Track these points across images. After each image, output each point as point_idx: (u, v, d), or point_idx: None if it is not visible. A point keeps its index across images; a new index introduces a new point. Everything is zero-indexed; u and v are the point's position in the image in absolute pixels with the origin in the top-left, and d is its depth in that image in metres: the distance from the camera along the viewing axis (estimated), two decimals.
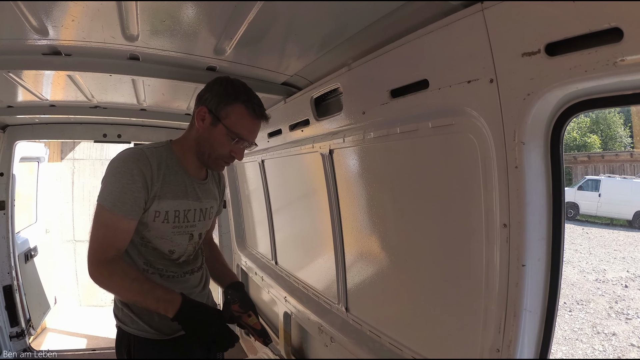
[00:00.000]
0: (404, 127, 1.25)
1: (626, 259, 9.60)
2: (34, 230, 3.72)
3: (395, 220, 1.43)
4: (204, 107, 1.27)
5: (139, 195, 1.19)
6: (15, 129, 2.84)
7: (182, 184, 1.31)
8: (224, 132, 1.26)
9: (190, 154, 1.33)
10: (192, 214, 1.34)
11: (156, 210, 1.24)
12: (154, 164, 1.23)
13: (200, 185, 1.38)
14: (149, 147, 1.29)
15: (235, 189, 3.37)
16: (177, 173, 1.30)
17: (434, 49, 1.05)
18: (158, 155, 1.27)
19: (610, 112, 23.52)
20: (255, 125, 1.32)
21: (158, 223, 1.26)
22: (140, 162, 1.21)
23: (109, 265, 1.17)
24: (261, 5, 1.07)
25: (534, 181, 0.89)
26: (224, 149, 1.29)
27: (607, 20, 0.67)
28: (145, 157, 1.23)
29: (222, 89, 1.27)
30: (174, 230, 1.29)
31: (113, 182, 1.19)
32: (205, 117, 1.27)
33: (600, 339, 5.71)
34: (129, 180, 1.18)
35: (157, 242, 1.28)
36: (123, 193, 1.18)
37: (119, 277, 1.17)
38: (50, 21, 1.19)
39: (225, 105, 1.25)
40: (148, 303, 1.17)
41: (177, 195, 1.29)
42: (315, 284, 2.10)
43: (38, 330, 3.60)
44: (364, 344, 1.57)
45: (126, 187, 1.18)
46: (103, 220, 1.19)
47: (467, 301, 1.10)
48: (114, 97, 2.21)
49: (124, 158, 1.22)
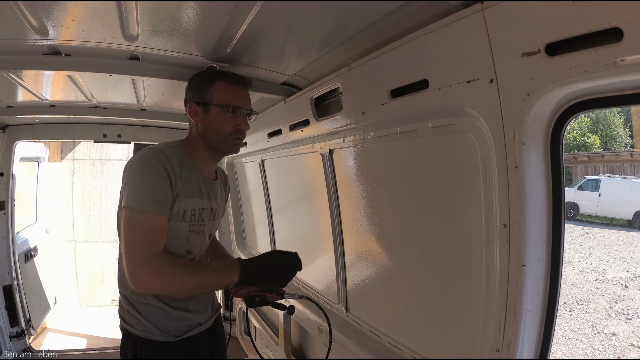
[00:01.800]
0: (404, 127, 1.25)
1: (626, 259, 9.60)
2: (34, 230, 3.72)
3: (395, 221, 1.43)
4: (192, 103, 1.31)
5: (168, 192, 1.18)
6: (15, 129, 2.84)
7: (196, 183, 1.31)
8: (219, 111, 1.29)
9: (200, 151, 1.34)
10: (205, 213, 1.34)
11: (177, 210, 1.23)
12: (175, 162, 1.23)
13: (212, 185, 1.39)
14: (166, 146, 1.28)
15: (235, 189, 3.37)
16: (191, 172, 1.30)
17: (434, 49, 1.05)
18: (175, 153, 1.26)
19: (611, 112, 23.51)
20: (240, 91, 1.33)
21: (177, 222, 1.24)
22: (164, 161, 1.20)
23: (155, 261, 1.12)
24: (261, 5, 1.07)
25: (534, 181, 0.89)
26: (227, 126, 1.30)
27: (607, 20, 0.67)
28: (166, 155, 1.22)
29: (198, 80, 1.33)
30: (190, 229, 1.29)
31: (141, 181, 1.16)
32: (197, 110, 1.31)
33: (600, 339, 5.71)
34: (157, 177, 1.16)
35: (173, 242, 1.25)
36: (153, 191, 1.15)
37: (170, 268, 1.13)
38: (50, 21, 1.19)
39: (206, 90, 1.29)
40: (211, 280, 1.17)
41: (193, 194, 1.29)
42: (315, 284, 2.10)
43: (38, 330, 3.60)
44: (364, 344, 1.57)
45: (155, 184, 1.16)
46: (138, 222, 1.14)
47: (467, 301, 1.10)
48: (114, 97, 2.21)
49: (146, 157, 1.20)
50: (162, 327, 1.27)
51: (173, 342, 1.29)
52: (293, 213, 2.44)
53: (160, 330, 1.27)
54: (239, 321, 3.37)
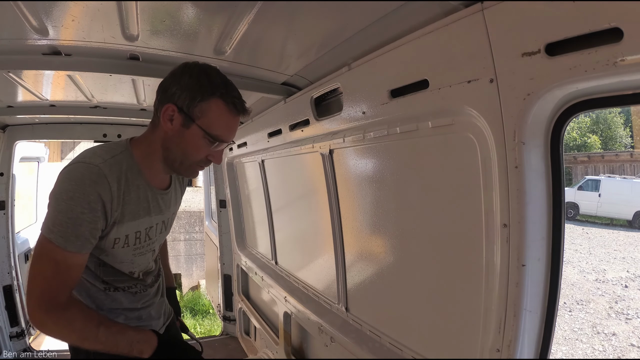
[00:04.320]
0: (404, 127, 1.25)
1: (626, 259, 9.61)
2: (34, 230, 3.72)
3: (395, 220, 1.43)
4: (172, 105, 1.05)
5: (96, 227, 1.00)
6: (15, 129, 2.85)
7: (144, 199, 1.13)
8: (200, 135, 1.06)
9: (154, 160, 1.14)
10: (153, 231, 1.20)
11: (116, 237, 1.07)
12: (114, 184, 1.02)
13: (163, 196, 1.21)
14: (106, 157, 1.04)
15: (235, 189, 3.37)
16: (138, 188, 1.11)
17: (434, 49, 1.05)
18: (117, 169, 1.05)
19: (611, 112, 23.54)
20: (235, 122, 1.11)
21: (117, 249, 1.10)
22: (99, 186, 0.99)
23: (66, 311, 0.98)
24: (261, 5, 1.07)
25: (534, 181, 0.89)
26: (199, 153, 1.09)
27: (607, 20, 0.67)
28: (104, 176, 1.00)
29: (194, 81, 1.05)
30: (134, 253, 1.16)
31: (65, 210, 0.96)
32: (174, 117, 1.06)
33: (600, 339, 5.71)
34: (85, 208, 0.97)
35: (116, 265, 1.15)
36: (78, 225, 0.96)
37: (81, 324, 0.99)
38: (50, 21, 1.19)
39: (199, 101, 1.04)
40: (120, 348, 1.03)
41: (139, 214, 1.12)
42: (315, 284, 2.10)
43: (38, 331, 3.60)
44: (364, 344, 1.57)
45: (81, 217, 0.97)
46: (52, 256, 0.96)
47: (467, 301, 1.10)
48: (114, 97, 2.21)
49: (77, 180, 0.98)
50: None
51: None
52: (293, 213, 2.44)
53: None
54: (239, 321, 3.37)
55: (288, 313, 2.31)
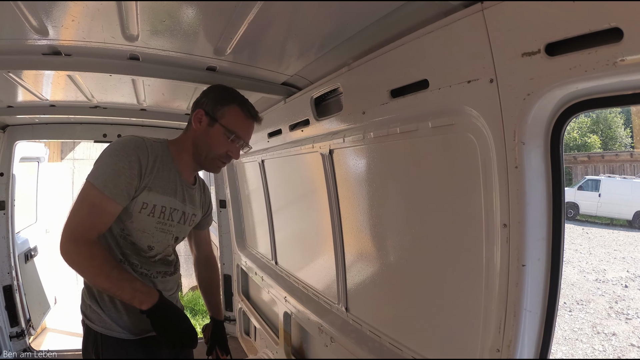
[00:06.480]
0: (404, 127, 1.25)
1: (626, 259, 9.60)
2: (34, 230, 3.72)
3: (395, 220, 1.43)
4: (201, 110, 1.34)
5: (131, 182, 1.20)
6: (15, 129, 2.85)
7: (172, 182, 1.33)
8: (221, 132, 1.33)
9: (186, 155, 1.37)
10: (176, 214, 1.35)
11: (144, 201, 1.24)
12: (152, 155, 1.26)
13: (188, 189, 1.40)
14: (149, 139, 1.30)
15: (235, 189, 3.37)
16: (170, 170, 1.32)
17: (434, 49, 1.05)
18: (156, 149, 1.29)
19: (611, 112, 23.52)
20: (249, 125, 1.39)
21: (144, 215, 1.26)
22: (140, 150, 1.23)
23: (91, 247, 1.15)
24: (261, 5, 1.07)
25: (534, 181, 0.89)
26: (221, 148, 1.35)
27: (607, 20, 0.67)
28: (145, 146, 1.25)
29: (219, 94, 1.37)
30: (157, 226, 1.30)
31: (109, 163, 1.19)
32: (202, 119, 1.34)
33: (600, 339, 5.71)
34: (126, 164, 1.19)
35: (137, 235, 1.28)
36: (117, 176, 1.17)
37: (100, 261, 1.15)
38: (50, 21, 1.19)
39: (221, 106, 1.33)
40: (124, 292, 1.16)
41: (167, 191, 1.30)
42: (315, 284, 2.10)
43: (38, 330, 3.60)
44: (364, 344, 1.57)
45: (121, 170, 1.18)
46: (91, 198, 1.17)
47: (467, 301, 1.10)
48: (114, 97, 2.21)
49: (124, 142, 1.23)
50: (122, 325, 1.28)
51: (134, 340, 1.29)
52: (293, 213, 2.44)
53: (120, 327, 1.28)
54: (239, 321, 3.37)
55: (288, 313, 2.31)
